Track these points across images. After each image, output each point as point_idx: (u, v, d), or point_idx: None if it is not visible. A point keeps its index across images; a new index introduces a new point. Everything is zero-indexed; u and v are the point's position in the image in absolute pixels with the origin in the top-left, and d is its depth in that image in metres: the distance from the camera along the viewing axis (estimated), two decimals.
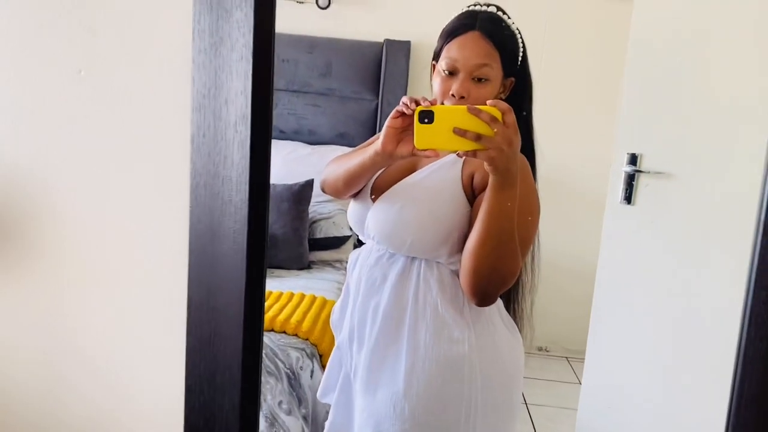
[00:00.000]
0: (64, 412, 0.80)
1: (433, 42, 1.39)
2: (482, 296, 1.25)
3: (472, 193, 1.28)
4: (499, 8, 1.34)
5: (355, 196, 1.40)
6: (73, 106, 0.72)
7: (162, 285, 0.72)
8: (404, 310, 1.29)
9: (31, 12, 0.73)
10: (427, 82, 3.86)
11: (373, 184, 1.37)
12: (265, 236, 0.68)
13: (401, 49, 3.41)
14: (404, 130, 1.21)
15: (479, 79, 1.26)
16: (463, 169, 1.29)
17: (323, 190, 1.49)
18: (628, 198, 2.01)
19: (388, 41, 3.41)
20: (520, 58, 1.33)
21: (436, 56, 1.33)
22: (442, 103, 1.27)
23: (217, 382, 0.67)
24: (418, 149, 1.15)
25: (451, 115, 1.12)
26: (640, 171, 1.99)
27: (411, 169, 1.36)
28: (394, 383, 1.28)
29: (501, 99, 1.30)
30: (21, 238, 0.77)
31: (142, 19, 0.69)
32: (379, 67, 3.44)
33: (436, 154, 1.22)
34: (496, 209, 1.17)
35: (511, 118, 1.10)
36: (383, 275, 1.31)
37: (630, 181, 2.01)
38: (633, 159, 2.00)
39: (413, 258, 1.30)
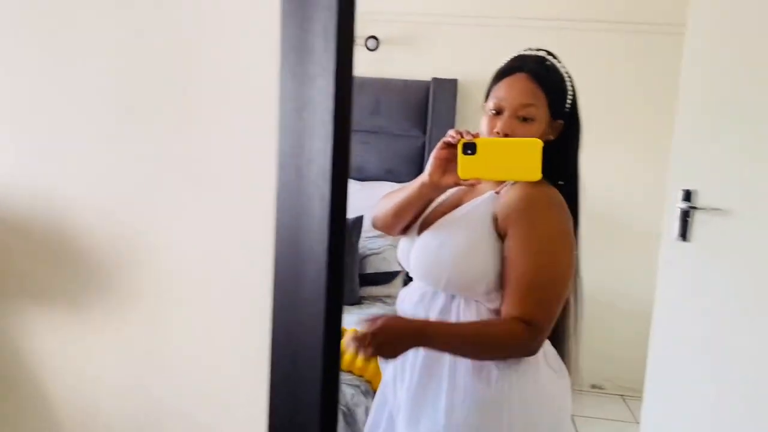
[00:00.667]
0: None
1: (480, 80, 1.46)
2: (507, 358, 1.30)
3: (502, 233, 1.30)
4: (549, 53, 1.39)
5: (405, 232, 1.45)
6: (172, 161, 0.79)
7: (249, 323, 0.77)
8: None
9: (134, 79, 0.81)
10: (473, 119, 3.90)
11: (422, 221, 1.42)
12: (342, 284, 0.72)
13: (448, 87, 3.48)
14: (450, 161, 1.28)
15: (524, 119, 1.31)
16: (495, 208, 1.31)
17: (375, 226, 1.55)
18: (684, 234, 2.00)
19: (435, 80, 3.49)
20: (569, 101, 1.37)
21: (487, 97, 1.39)
22: None
23: (298, 408, 0.72)
24: (461, 178, 1.23)
25: (492, 147, 1.22)
26: (695, 207, 1.98)
27: (457, 205, 1.40)
28: (435, 420, 1.31)
29: (549, 140, 1.34)
30: (128, 288, 0.84)
31: (234, 84, 0.76)
32: (426, 105, 3.51)
33: (478, 183, 1.28)
34: (446, 350, 1.29)
35: (376, 327, 1.19)
36: (425, 313, 1.34)
37: (685, 217, 1.99)
38: (687, 195, 1.99)
39: (453, 296, 1.33)
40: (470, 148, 1.22)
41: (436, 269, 1.33)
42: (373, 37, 3.57)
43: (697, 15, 1.88)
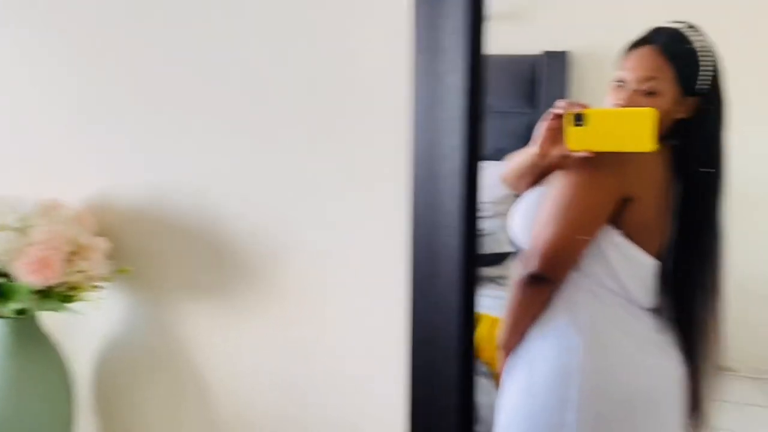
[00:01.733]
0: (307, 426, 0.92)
1: (593, 51, 1.42)
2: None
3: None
4: (691, 25, 1.32)
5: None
6: (316, 165, 0.84)
7: (386, 326, 0.81)
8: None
9: (281, 90, 0.87)
10: (587, 92, 3.74)
11: None
12: (476, 276, 0.74)
13: (559, 60, 3.37)
14: (559, 132, 1.27)
15: (647, 93, 1.28)
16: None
17: (504, 182, 1.60)
18: None
19: (545, 53, 3.38)
20: (706, 78, 1.29)
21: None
22: None
23: (436, 397, 0.75)
24: (570, 149, 1.23)
25: (602, 117, 1.20)
26: None
27: None
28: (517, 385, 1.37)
29: (679, 118, 1.30)
30: (276, 282, 0.91)
31: (369, 87, 0.79)
32: (534, 80, 3.42)
33: (590, 154, 1.25)
34: None
35: None
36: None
37: None
38: None
39: None
40: (579, 118, 1.20)
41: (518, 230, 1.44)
42: None
43: None
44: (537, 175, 1.44)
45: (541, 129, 1.31)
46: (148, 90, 0.96)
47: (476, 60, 0.68)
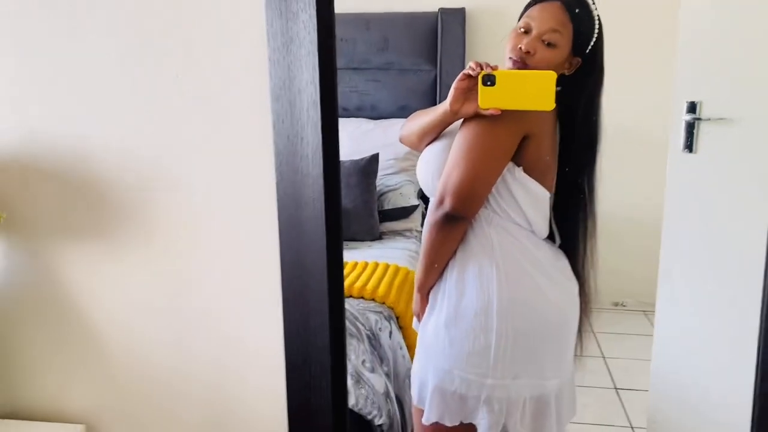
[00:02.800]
0: (188, 354, 0.96)
1: (488, 7, 1.49)
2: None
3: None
4: None
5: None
6: (175, 104, 0.86)
7: (259, 248, 0.86)
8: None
9: (139, 31, 0.88)
10: (483, 49, 3.86)
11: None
12: (339, 202, 0.80)
13: (456, 17, 3.45)
14: (470, 91, 1.37)
15: (548, 44, 1.38)
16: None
17: (401, 142, 1.67)
18: (690, 146, 2.02)
19: (442, 10, 3.45)
20: (592, 42, 1.42)
21: (519, 19, 1.46)
22: (510, 59, 1.41)
23: (310, 325, 0.81)
24: (481, 108, 1.31)
25: (510, 78, 1.30)
26: (699, 119, 1.99)
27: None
28: (441, 312, 1.44)
29: (564, 74, 1.42)
30: (144, 216, 0.93)
31: (225, 28, 0.82)
32: (435, 37, 3.49)
33: (497, 112, 1.35)
34: None
35: None
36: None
37: (690, 129, 2.01)
38: (692, 107, 2.00)
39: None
40: (490, 79, 1.30)
41: (431, 180, 1.50)
42: None
43: None
44: (440, 132, 1.52)
45: (452, 88, 1.39)
46: (17, 33, 0.95)
47: (326, 22, 0.73)
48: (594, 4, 1.44)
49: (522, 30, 1.41)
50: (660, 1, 3.11)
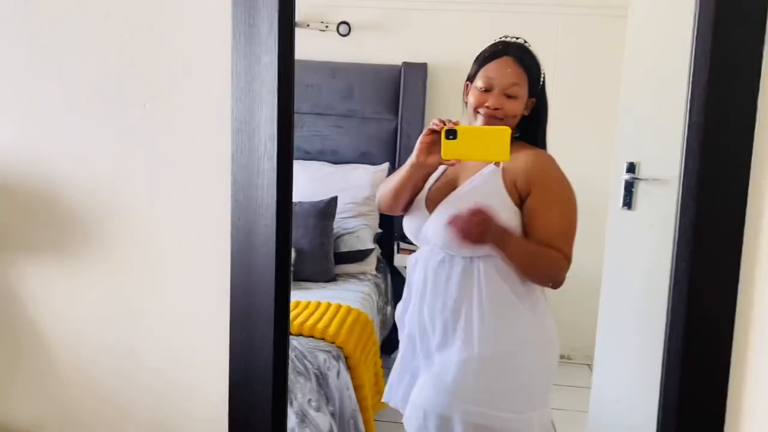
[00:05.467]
0: (137, 370, 0.98)
1: (448, 63, 1.61)
2: (550, 286, 1.55)
3: (518, 196, 1.52)
4: (525, 40, 1.61)
5: (408, 211, 1.65)
6: (142, 131, 0.91)
7: (211, 270, 0.90)
8: (471, 300, 1.52)
9: (111, 62, 0.94)
10: (442, 101, 3.99)
11: (426, 198, 1.62)
12: (290, 231, 0.85)
13: (418, 70, 3.60)
14: (433, 145, 1.49)
15: (510, 96, 1.53)
16: (504, 178, 1.53)
17: (380, 209, 1.75)
18: (629, 204, 2.15)
19: (405, 64, 3.60)
20: (541, 82, 1.59)
21: (471, 78, 1.60)
22: (478, 114, 1.55)
23: (255, 345, 0.85)
24: (443, 159, 1.44)
25: (470, 133, 1.43)
26: (638, 178, 2.13)
27: (454, 185, 1.60)
28: (469, 346, 1.52)
29: (524, 115, 1.58)
30: (102, 236, 0.97)
31: (194, 65, 0.88)
32: (398, 88, 3.63)
33: (457, 162, 1.49)
34: (510, 257, 1.48)
35: (479, 215, 1.42)
36: (447, 275, 1.54)
37: (629, 188, 2.15)
38: (631, 167, 2.14)
39: (472, 258, 1.52)
40: (452, 134, 1.42)
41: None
42: (345, 22, 3.67)
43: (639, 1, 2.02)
44: (412, 190, 1.62)
45: (418, 143, 1.51)
46: None
47: (287, 42, 0.81)
48: (532, 48, 1.60)
49: (483, 89, 1.55)
50: (604, 68, 3.32)
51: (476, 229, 1.42)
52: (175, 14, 0.88)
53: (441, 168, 1.62)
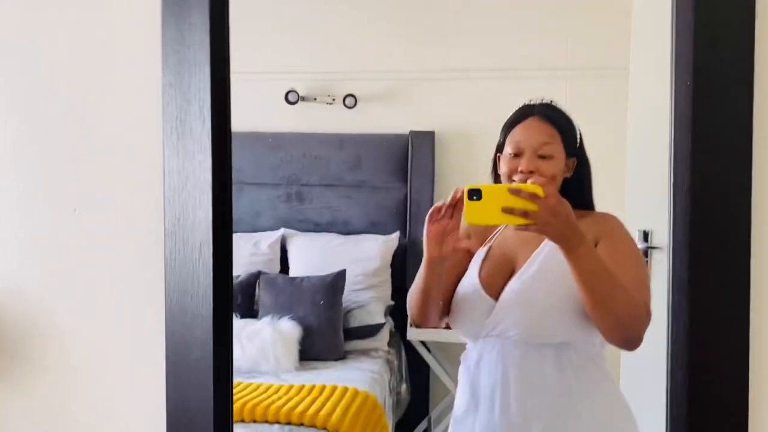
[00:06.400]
0: None
1: (455, 131, 1.52)
2: (627, 342, 1.33)
3: None
4: (551, 100, 1.48)
5: (454, 312, 1.43)
6: (70, 239, 0.85)
7: (144, 394, 0.81)
8: (571, 393, 1.35)
9: (37, 164, 0.88)
10: (451, 169, 3.92)
11: (483, 284, 1.41)
12: (230, 343, 0.76)
13: (426, 139, 3.56)
14: (441, 234, 1.32)
15: (543, 157, 1.38)
16: None
17: (418, 325, 1.52)
18: None
19: (413, 132, 3.57)
20: (578, 139, 1.46)
21: (500, 148, 1.46)
22: (512, 181, 1.38)
23: None
24: (468, 223, 1.26)
25: (497, 193, 1.24)
26: (653, 247, 2.00)
27: (512, 266, 1.42)
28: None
29: (567, 177, 1.43)
30: (25, 354, 0.89)
31: (123, 165, 0.82)
32: (406, 157, 3.59)
33: (468, 246, 1.36)
34: (579, 271, 1.26)
35: (550, 189, 1.22)
36: (540, 369, 1.35)
37: (645, 256, 2.01)
38: (645, 235, 2.01)
39: (559, 345, 1.35)
40: (476, 194, 1.23)
41: (550, 321, 1.36)
42: (351, 95, 3.69)
43: (638, 58, 1.95)
44: (441, 289, 1.42)
45: (425, 238, 1.35)
46: None
47: (222, 165, 0.74)
48: (557, 104, 1.48)
49: (512, 154, 1.40)
50: (614, 131, 3.23)
51: (549, 203, 1.19)
52: (103, 110, 0.83)
53: (481, 252, 1.45)
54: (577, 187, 1.45)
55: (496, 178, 1.48)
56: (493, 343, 1.40)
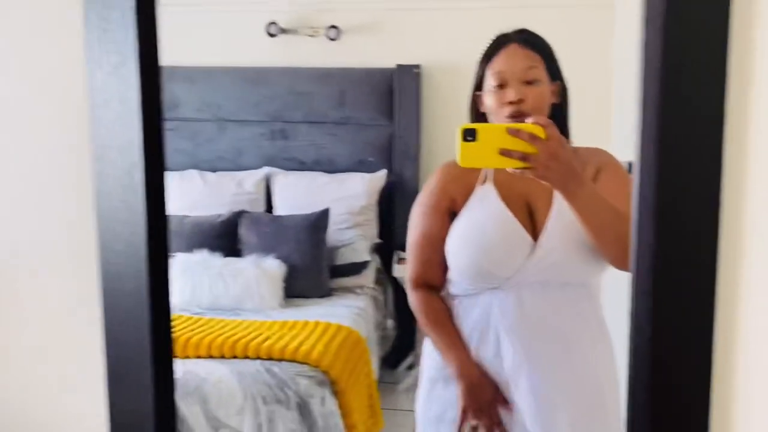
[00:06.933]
0: None
1: (441, 64, 1.42)
2: (620, 255, 1.24)
3: None
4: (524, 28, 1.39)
5: (491, 253, 1.33)
6: None
7: (80, 323, 0.77)
8: (582, 331, 1.34)
9: None
10: (438, 103, 3.81)
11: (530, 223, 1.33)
12: (166, 275, 0.72)
13: (412, 73, 3.45)
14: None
15: (530, 83, 1.30)
16: None
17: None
18: None
19: (398, 66, 3.46)
20: (558, 62, 1.37)
21: (479, 85, 1.37)
22: (506, 117, 1.29)
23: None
24: (462, 166, 1.15)
25: (493, 133, 1.12)
26: None
27: (527, 203, 1.34)
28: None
29: (554, 103, 1.35)
30: None
31: (40, 82, 0.75)
32: (391, 92, 3.49)
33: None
34: (582, 212, 1.20)
35: (553, 131, 1.12)
36: (556, 306, 1.32)
37: None
38: (629, 167, 1.96)
39: (576, 284, 1.34)
40: (471, 134, 1.11)
41: (582, 260, 1.31)
42: (334, 26, 3.55)
43: None
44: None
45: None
46: None
47: (149, 49, 0.67)
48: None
49: (497, 86, 1.32)
50: (600, 64, 3.13)
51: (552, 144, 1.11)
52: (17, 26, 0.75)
53: (490, 192, 1.35)
54: (563, 115, 1.37)
55: (478, 118, 1.38)
56: (511, 287, 1.33)
